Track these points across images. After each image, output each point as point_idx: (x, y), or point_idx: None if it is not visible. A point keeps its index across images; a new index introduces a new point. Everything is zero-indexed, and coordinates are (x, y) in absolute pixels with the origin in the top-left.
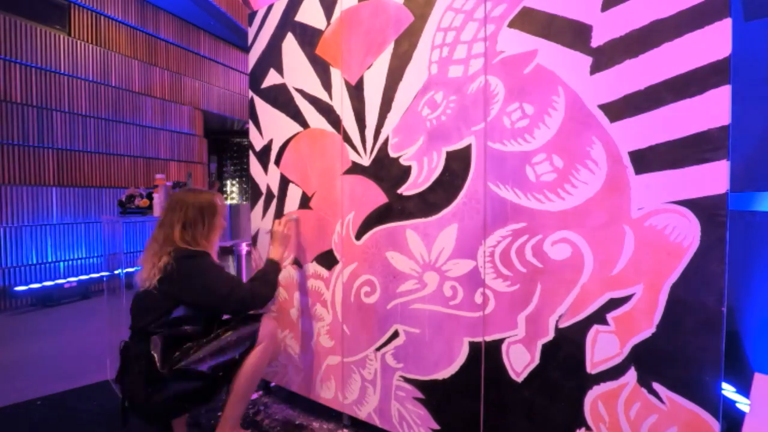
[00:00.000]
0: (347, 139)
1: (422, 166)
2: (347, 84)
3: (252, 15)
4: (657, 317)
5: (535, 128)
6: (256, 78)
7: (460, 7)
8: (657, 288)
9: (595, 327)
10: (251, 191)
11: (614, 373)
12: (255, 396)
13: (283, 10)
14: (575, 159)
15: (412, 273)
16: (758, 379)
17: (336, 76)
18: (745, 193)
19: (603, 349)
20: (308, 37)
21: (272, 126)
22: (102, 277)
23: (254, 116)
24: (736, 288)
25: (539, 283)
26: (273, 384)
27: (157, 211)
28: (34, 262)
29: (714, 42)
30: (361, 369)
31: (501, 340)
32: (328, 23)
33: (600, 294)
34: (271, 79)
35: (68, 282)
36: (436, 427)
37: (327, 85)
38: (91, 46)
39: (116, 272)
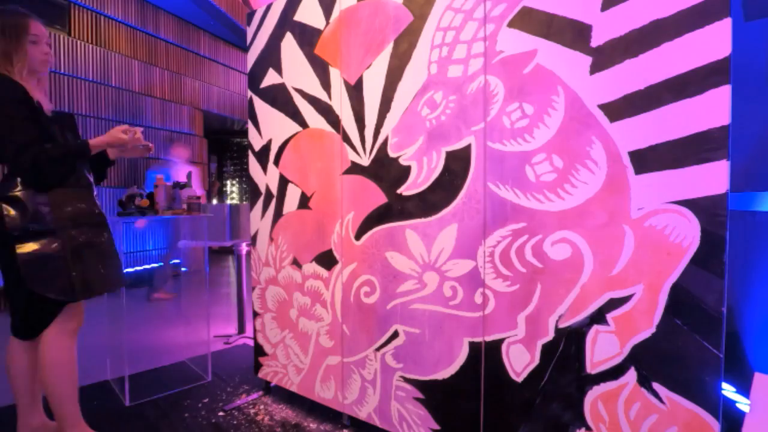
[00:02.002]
0: (346, 138)
1: (422, 166)
2: (346, 84)
3: (251, 14)
4: (657, 317)
5: (535, 128)
6: (255, 78)
7: (459, 6)
8: (657, 288)
9: (595, 327)
10: (250, 191)
11: (614, 373)
12: (255, 396)
13: (281, 9)
14: (575, 159)
15: (412, 273)
16: (758, 379)
17: (335, 76)
18: (745, 193)
19: (603, 349)
20: (307, 37)
21: (271, 126)
22: None
23: (253, 116)
24: (736, 288)
25: (539, 283)
26: (272, 384)
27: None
28: None
29: (714, 42)
30: (361, 369)
31: (501, 340)
32: (327, 23)
33: (600, 294)
34: (270, 78)
35: None
36: (436, 427)
37: (326, 84)
38: (91, 46)
39: None
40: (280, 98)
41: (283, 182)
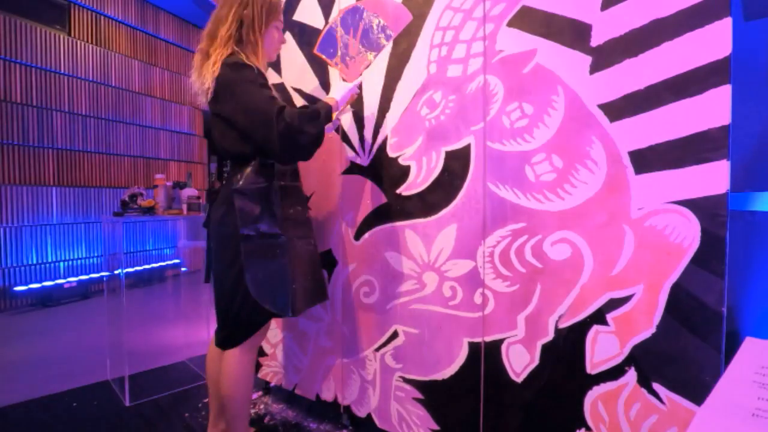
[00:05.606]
0: (346, 138)
1: (421, 166)
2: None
3: None
4: (657, 317)
5: (535, 128)
6: None
7: (458, 6)
8: (657, 288)
9: (595, 327)
10: None
11: (614, 373)
12: (255, 396)
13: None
14: (575, 159)
15: (412, 273)
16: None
17: (335, 76)
18: (745, 193)
19: (603, 349)
20: (306, 37)
21: None
22: (102, 277)
23: None
24: (736, 288)
25: (539, 284)
26: (272, 384)
27: (158, 211)
28: (34, 262)
29: (714, 41)
30: (361, 369)
31: (501, 341)
32: (327, 22)
33: (600, 294)
34: (269, 78)
35: (68, 282)
36: (436, 427)
37: (325, 84)
38: (91, 46)
39: (116, 272)
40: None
41: None
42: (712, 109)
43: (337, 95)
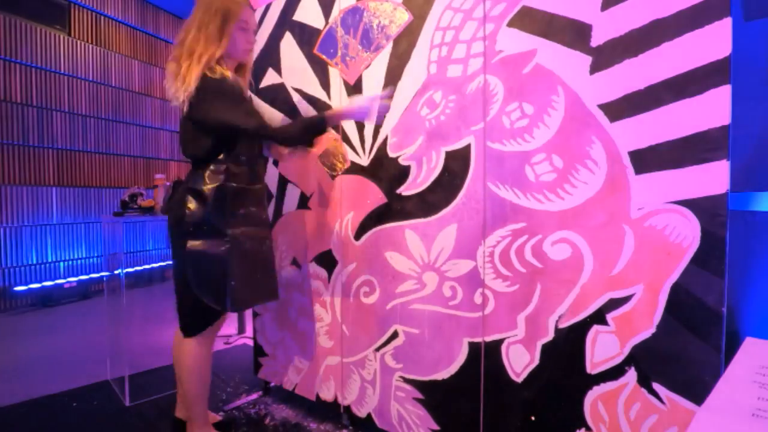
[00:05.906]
0: (346, 138)
1: (421, 166)
2: (346, 84)
3: None
4: (657, 317)
5: (535, 128)
6: (254, 77)
7: (459, 6)
8: (657, 288)
9: (595, 327)
10: None
11: (614, 373)
12: (255, 396)
13: (281, 9)
14: (575, 159)
15: (412, 273)
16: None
17: (334, 76)
18: (745, 193)
19: (603, 349)
20: (307, 37)
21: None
22: (102, 277)
23: None
24: (736, 288)
25: (539, 284)
26: (272, 384)
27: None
28: (34, 262)
29: (714, 41)
30: (361, 369)
31: (500, 341)
32: (327, 22)
33: (600, 294)
34: (270, 78)
35: (68, 282)
36: (436, 427)
37: (325, 84)
38: (91, 46)
39: (116, 272)
40: (279, 98)
41: (283, 182)
42: (712, 109)
43: (333, 111)
